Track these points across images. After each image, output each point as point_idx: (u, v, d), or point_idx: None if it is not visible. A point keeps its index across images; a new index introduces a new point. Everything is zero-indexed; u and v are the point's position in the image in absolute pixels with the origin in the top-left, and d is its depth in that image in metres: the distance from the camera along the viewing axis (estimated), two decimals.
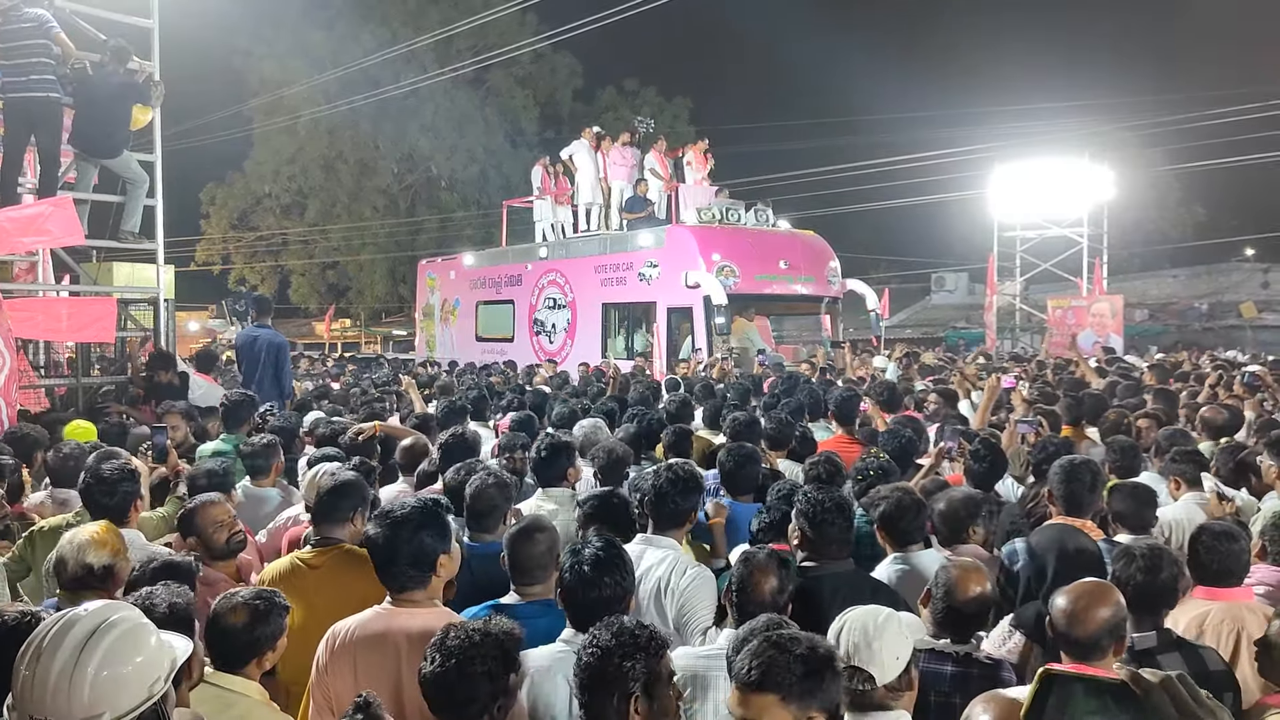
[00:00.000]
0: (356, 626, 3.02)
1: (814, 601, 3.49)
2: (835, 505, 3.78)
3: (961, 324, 38.26)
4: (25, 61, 8.24)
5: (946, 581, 3.29)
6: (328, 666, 2.98)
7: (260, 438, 5.81)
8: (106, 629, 2.02)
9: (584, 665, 2.45)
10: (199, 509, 4.05)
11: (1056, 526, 4.11)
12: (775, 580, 3.26)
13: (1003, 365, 14.60)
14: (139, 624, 2.10)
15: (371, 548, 3.12)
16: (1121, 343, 22.09)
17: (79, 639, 1.98)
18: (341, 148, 44.05)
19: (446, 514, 3.31)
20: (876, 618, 2.74)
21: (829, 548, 3.75)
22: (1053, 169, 25.19)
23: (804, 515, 3.77)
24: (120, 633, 2.02)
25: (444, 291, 21.13)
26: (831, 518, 3.74)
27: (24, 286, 9.42)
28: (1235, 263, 41.78)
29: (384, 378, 14.31)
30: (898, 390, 8.57)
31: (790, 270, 15.27)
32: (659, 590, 3.73)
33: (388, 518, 3.11)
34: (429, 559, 3.09)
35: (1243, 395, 9.15)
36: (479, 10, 37.14)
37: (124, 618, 2.08)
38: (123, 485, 4.21)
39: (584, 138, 17.95)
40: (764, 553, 3.38)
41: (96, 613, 2.06)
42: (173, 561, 3.38)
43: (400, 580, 3.07)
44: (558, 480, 4.92)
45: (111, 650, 1.98)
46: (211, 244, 46.38)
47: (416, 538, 3.07)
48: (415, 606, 3.05)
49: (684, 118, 46.64)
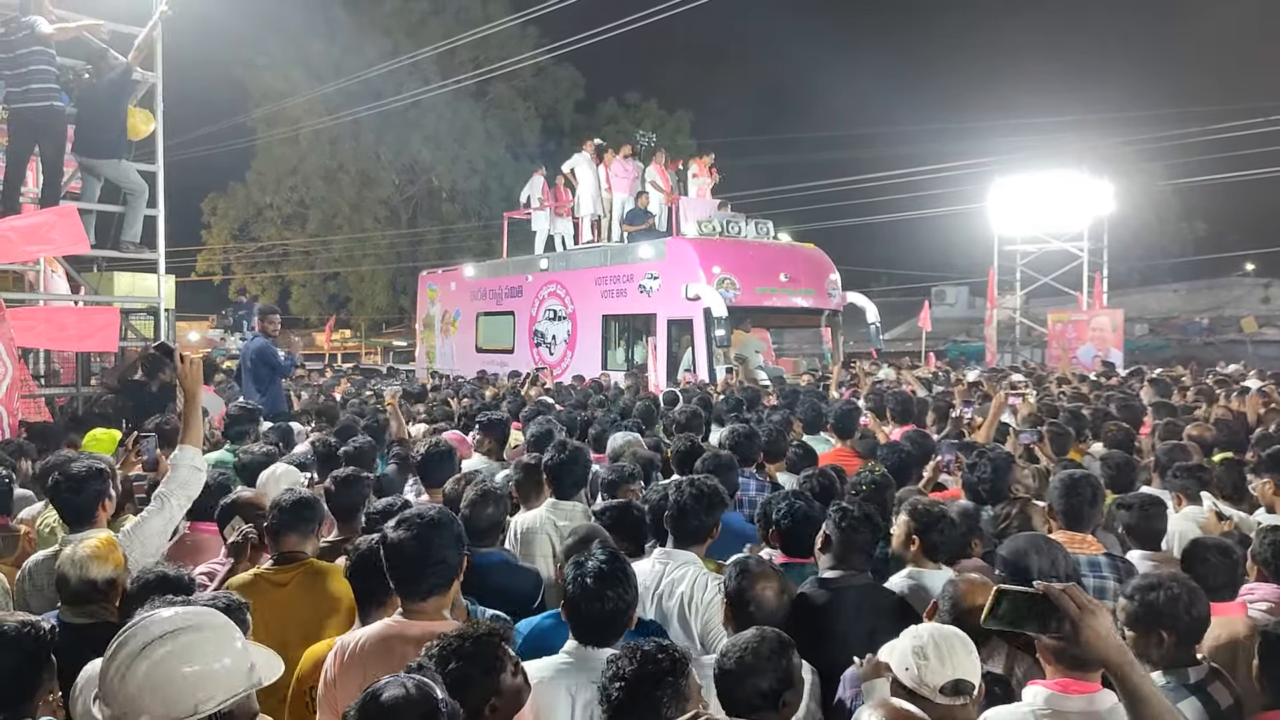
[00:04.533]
0: (366, 639, 2.99)
1: (835, 612, 3.50)
2: (865, 515, 3.79)
3: (962, 337, 38.27)
4: (26, 70, 8.25)
5: (954, 595, 3.28)
6: (336, 679, 2.95)
7: (258, 447, 5.82)
8: (193, 630, 2.13)
9: (615, 702, 2.42)
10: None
11: (1028, 536, 4.05)
12: (772, 587, 3.25)
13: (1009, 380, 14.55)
14: (225, 625, 2.22)
15: (393, 552, 2.99)
16: (1122, 357, 22.07)
17: (162, 638, 2.09)
18: (343, 158, 44.21)
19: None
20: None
21: (854, 557, 3.74)
22: (1053, 183, 25.16)
23: (834, 522, 3.77)
24: (207, 634, 2.15)
25: (444, 303, 21.13)
26: (860, 526, 3.74)
27: (26, 296, 9.42)
28: (1236, 277, 41.86)
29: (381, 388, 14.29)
30: (911, 403, 8.55)
31: (791, 283, 15.27)
32: (682, 607, 3.73)
33: (420, 521, 3.01)
34: (455, 565, 3.06)
35: (1237, 408, 9.16)
36: (481, 23, 37.33)
37: (209, 621, 2.20)
38: (90, 484, 4.08)
39: (585, 150, 17.98)
40: (756, 559, 3.38)
41: (182, 615, 2.18)
42: (166, 575, 3.29)
43: (425, 586, 2.98)
44: (572, 490, 4.91)
45: (201, 647, 2.11)
46: (212, 254, 46.51)
47: (445, 542, 3.01)
48: (426, 619, 2.98)
49: (685, 131, 46.80)
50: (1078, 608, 1.99)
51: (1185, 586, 3.09)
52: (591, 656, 2.95)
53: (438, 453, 5.42)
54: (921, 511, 3.98)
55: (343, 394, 13.79)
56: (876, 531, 3.87)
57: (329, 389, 15.47)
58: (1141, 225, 40.73)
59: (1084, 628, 1.98)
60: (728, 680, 2.72)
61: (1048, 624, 2.02)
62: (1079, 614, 1.98)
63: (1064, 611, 1.99)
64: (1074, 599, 2.00)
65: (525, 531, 4.81)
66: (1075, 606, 1.99)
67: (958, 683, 2.62)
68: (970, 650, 2.71)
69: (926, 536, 3.95)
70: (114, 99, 8.86)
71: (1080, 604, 1.99)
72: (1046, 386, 13.11)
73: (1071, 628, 1.99)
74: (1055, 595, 2.01)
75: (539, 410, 8.16)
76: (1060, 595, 2.01)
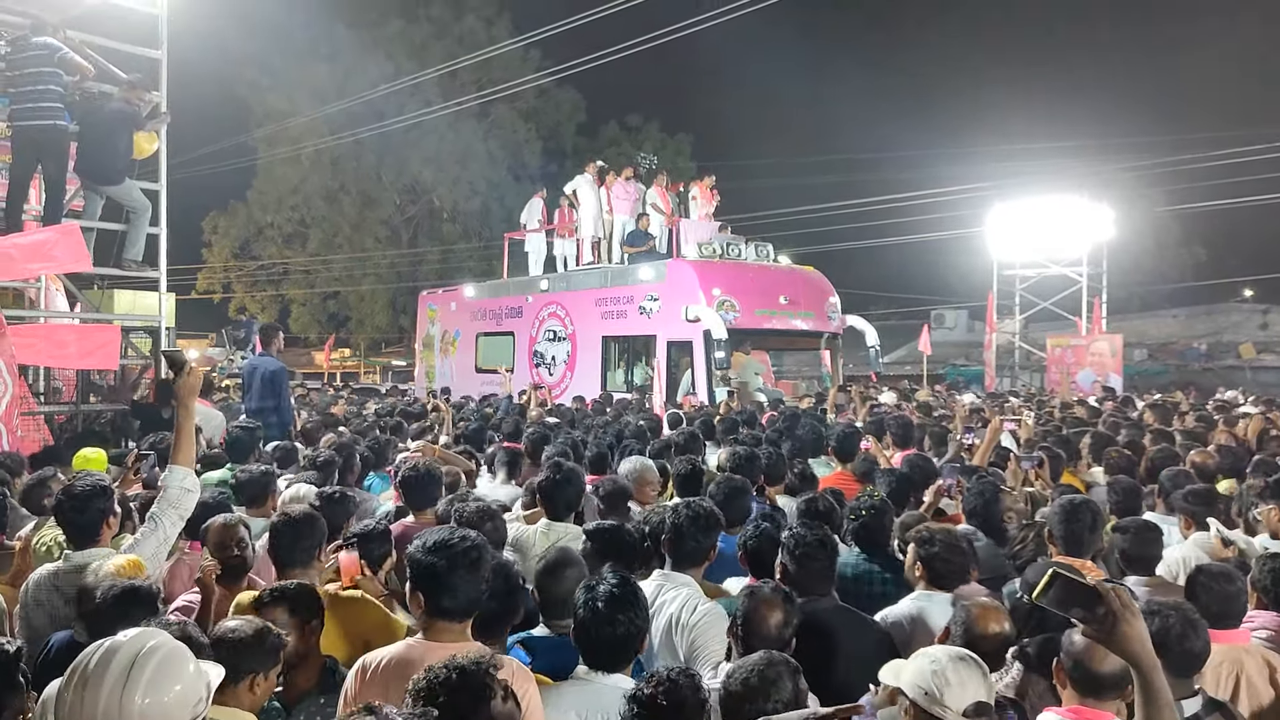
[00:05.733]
0: (389, 658, 2.99)
1: (801, 640, 3.48)
2: (818, 541, 3.78)
3: (961, 361, 38.25)
4: (33, 89, 8.32)
5: (966, 619, 3.27)
6: (358, 697, 2.95)
7: (256, 467, 5.80)
8: (147, 656, 2.10)
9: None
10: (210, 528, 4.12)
11: (1054, 563, 4.08)
12: (780, 614, 3.25)
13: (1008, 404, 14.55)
14: (176, 650, 2.18)
15: (428, 572, 2.97)
16: (1121, 382, 22.05)
17: (123, 666, 2.06)
18: (344, 178, 44.34)
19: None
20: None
21: (813, 583, 3.74)
22: (1052, 208, 25.22)
23: (787, 550, 3.77)
24: (160, 659, 2.11)
25: (444, 322, 21.14)
26: (815, 553, 3.74)
27: (27, 313, 9.43)
28: (1234, 303, 41.88)
29: (386, 408, 14.24)
30: (912, 427, 8.55)
31: (790, 306, 15.28)
32: (670, 626, 3.73)
33: (465, 544, 3.02)
34: (486, 589, 3.07)
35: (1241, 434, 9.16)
36: (483, 45, 37.64)
37: (162, 644, 2.16)
38: (94, 502, 4.06)
39: (587, 172, 18.07)
40: (769, 587, 3.37)
41: (136, 640, 2.14)
42: (134, 587, 3.23)
43: (465, 606, 2.99)
44: (565, 512, 4.91)
45: (154, 677, 2.07)
46: (213, 272, 46.55)
47: (484, 565, 3.03)
48: (450, 640, 2.97)
49: (686, 154, 46.92)
50: (1121, 604, 2.10)
51: (1181, 617, 3.06)
52: (600, 681, 2.95)
53: (416, 476, 5.30)
54: (926, 538, 3.98)
55: (344, 413, 13.78)
56: (833, 554, 3.87)
57: (325, 407, 15.45)
58: (1141, 251, 40.80)
59: (1122, 623, 2.09)
60: (732, 701, 2.71)
61: (1092, 612, 2.11)
62: (1120, 610, 2.09)
63: (1108, 605, 2.09)
64: (1119, 597, 2.12)
65: (516, 541, 4.84)
66: (1119, 603, 2.10)
67: (979, 705, 2.62)
68: (985, 674, 2.72)
69: (931, 564, 3.95)
70: (112, 133, 8.86)
71: (1124, 602, 2.11)
72: (1049, 410, 13.12)
73: (1112, 622, 2.09)
74: (1105, 590, 2.13)
75: (543, 430, 8.15)
76: (1109, 590, 2.13)
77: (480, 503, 4.65)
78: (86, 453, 6.41)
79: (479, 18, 43.83)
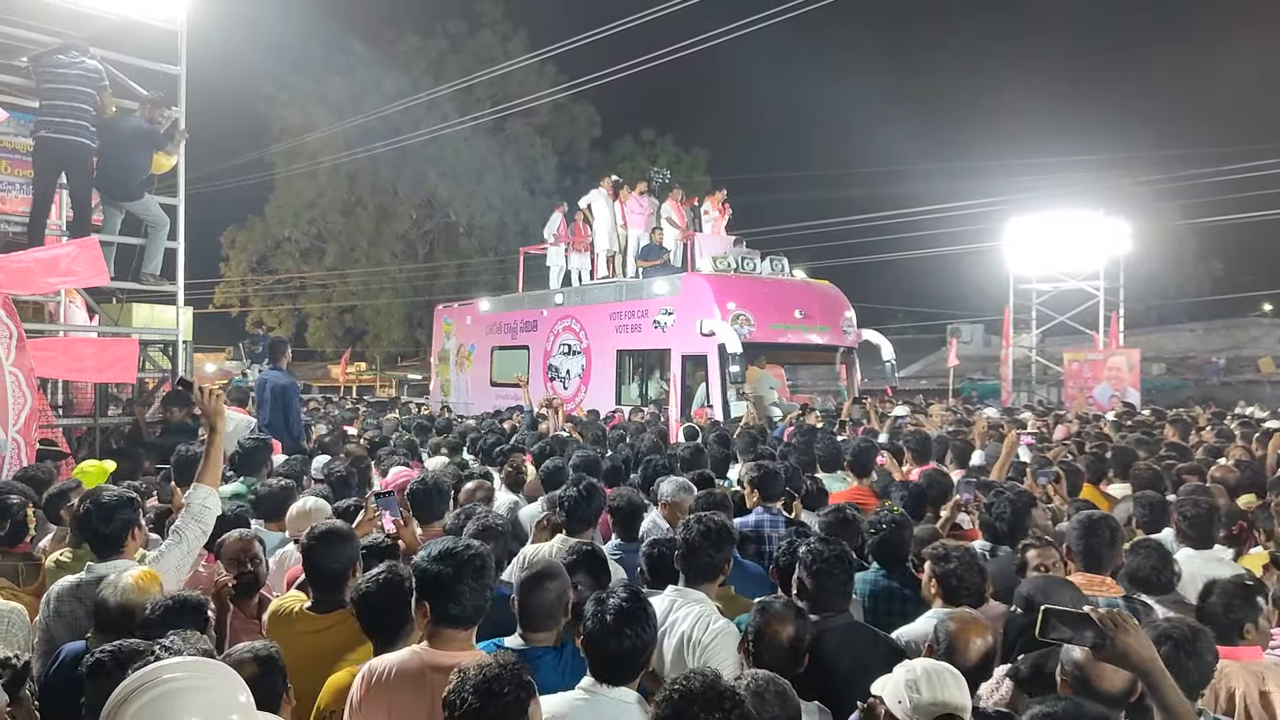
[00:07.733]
0: (394, 665, 3.00)
1: (817, 657, 3.47)
2: (836, 556, 3.76)
3: (977, 375, 38.11)
4: (66, 104, 8.46)
5: (948, 633, 3.30)
6: (362, 704, 2.96)
7: (276, 482, 5.82)
8: (203, 690, 2.00)
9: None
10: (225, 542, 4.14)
11: (1044, 577, 4.05)
12: (791, 629, 3.23)
13: (1020, 420, 14.48)
14: (232, 683, 2.09)
15: (434, 580, 3.02)
16: (1139, 397, 21.93)
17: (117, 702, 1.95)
18: (361, 193, 44.61)
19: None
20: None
21: (830, 599, 3.73)
22: (1068, 222, 25.17)
23: (804, 565, 3.75)
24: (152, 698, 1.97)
25: (460, 336, 21.20)
26: (832, 568, 3.72)
27: (46, 326, 9.50)
28: (1253, 318, 41.67)
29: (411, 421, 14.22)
30: (929, 442, 8.52)
31: (806, 320, 15.24)
32: (682, 645, 3.71)
33: (470, 553, 3.09)
34: (490, 597, 3.12)
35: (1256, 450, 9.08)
36: (499, 60, 37.83)
37: (221, 678, 2.08)
38: (120, 512, 4.05)
39: (602, 186, 18.12)
40: (781, 602, 3.35)
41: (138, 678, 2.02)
42: (186, 599, 3.29)
43: (471, 614, 3.06)
44: (581, 528, 4.89)
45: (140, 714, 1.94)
46: (230, 286, 46.85)
47: (489, 573, 3.11)
48: (456, 648, 3.02)
49: (701, 168, 47.05)
50: (1113, 624, 2.32)
51: (1185, 636, 3.04)
52: (606, 694, 2.94)
53: (424, 489, 5.28)
54: (942, 555, 3.97)
55: (360, 426, 13.80)
56: (850, 569, 3.85)
57: (343, 421, 15.47)
58: (1158, 265, 40.67)
59: (1119, 639, 2.29)
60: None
61: (1088, 635, 2.33)
62: (1114, 629, 2.30)
63: (1103, 627, 2.31)
64: (1110, 618, 2.34)
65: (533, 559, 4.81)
66: (1111, 623, 2.32)
67: (948, 715, 2.67)
68: (961, 684, 2.77)
69: (946, 581, 3.93)
70: (132, 150, 8.97)
71: (1115, 620, 2.33)
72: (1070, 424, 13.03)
73: (1111, 641, 2.30)
74: (1095, 614, 2.35)
75: (557, 444, 8.15)
76: (1099, 614, 2.35)
77: (486, 516, 4.65)
78: (85, 466, 6.43)
79: (495, 33, 44.16)
